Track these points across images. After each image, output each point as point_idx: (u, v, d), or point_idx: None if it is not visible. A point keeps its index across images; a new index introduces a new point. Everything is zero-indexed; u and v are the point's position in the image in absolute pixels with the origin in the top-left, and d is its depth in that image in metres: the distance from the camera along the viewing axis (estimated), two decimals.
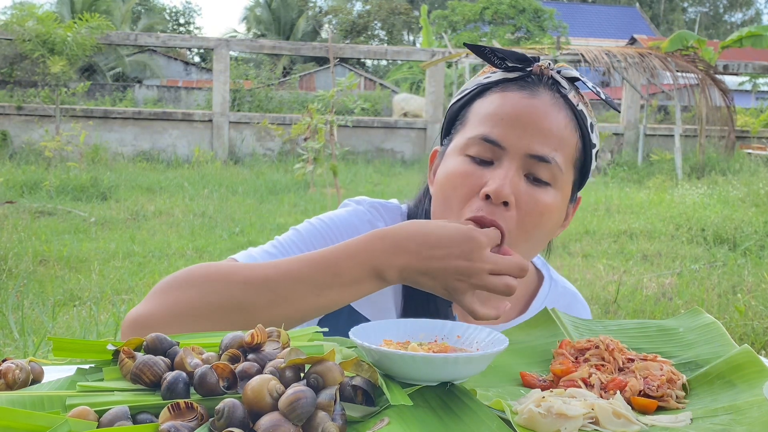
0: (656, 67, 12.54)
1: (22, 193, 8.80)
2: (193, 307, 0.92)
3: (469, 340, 0.85)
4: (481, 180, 1.00)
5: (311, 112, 9.05)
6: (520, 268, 0.91)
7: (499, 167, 1.00)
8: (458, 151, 1.04)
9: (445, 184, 1.04)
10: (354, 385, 0.70)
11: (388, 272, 0.92)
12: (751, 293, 4.82)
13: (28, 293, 4.46)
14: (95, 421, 0.63)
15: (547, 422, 0.69)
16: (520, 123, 1.00)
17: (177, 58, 31.39)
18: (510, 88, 1.03)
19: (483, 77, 1.08)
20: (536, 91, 1.02)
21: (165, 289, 0.94)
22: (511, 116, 1.00)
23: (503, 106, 1.02)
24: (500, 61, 1.05)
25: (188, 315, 0.92)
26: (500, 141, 1.00)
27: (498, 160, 1.01)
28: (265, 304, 0.92)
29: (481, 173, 1.00)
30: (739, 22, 44.31)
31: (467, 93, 1.08)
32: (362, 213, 1.14)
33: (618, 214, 8.24)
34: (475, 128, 1.03)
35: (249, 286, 0.93)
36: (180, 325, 0.91)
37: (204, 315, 0.92)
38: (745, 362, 0.82)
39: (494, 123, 1.01)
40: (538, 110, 1.01)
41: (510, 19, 21.56)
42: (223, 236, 6.62)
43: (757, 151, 13.74)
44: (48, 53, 11.75)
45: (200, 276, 0.94)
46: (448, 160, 1.06)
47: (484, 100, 1.05)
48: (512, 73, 1.05)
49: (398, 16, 36.60)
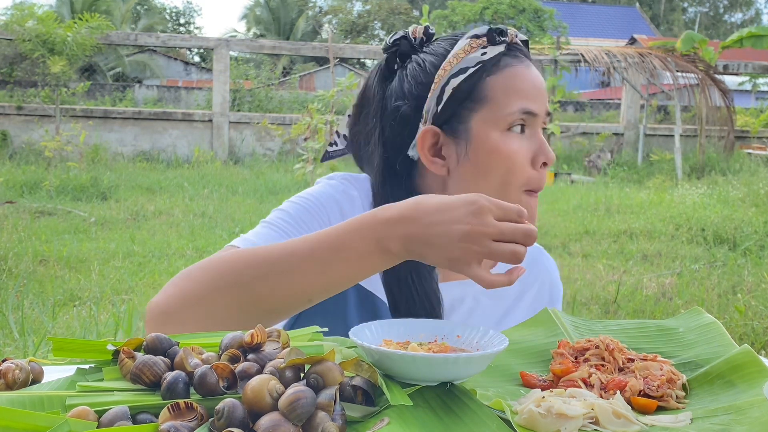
0: (656, 67, 12.54)
1: (22, 193, 8.80)
2: (204, 291, 0.95)
3: (469, 340, 0.85)
4: (528, 150, 1.12)
5: (311, 112, 9.04)
6: (527, 234, 0.87)
7: (535, 134, 1.13)
8: (497, 128, 1.11)
9: (497, 160, 1.11)
10: (354, 385, 0.70)
11: (391, 244, 0.90)
12: (751, 293, 4.82)
13: (28, 293, 4.46)
14: (95, 421, 0.63)
15: (547, 422, 0.69)
16: (539, 91, 1.13)
17: (177, 58, 31.38)
18: (511, 62, 1.13)
19: (478, 53, 1.12)
20: (525, 60, 1.15)
21: (182, 278, 0.98)
22: (533, 87, 1.13)
23: (525, 80, 1.12)
24: (500, 38, 1.14)
25: (200, 300, 0.95)
26: (534, 110, 1.12)
27: (529, 126, 1.13)
28: (272, 284, 0.94)
29: (525, 143, 1.12)
30: (739, 22, 44.30)
31: (472, 71, 1.12)
32: (336, 185, 1.19)
33: (618, 214, 8.24)
34: (508, 104, 1.11)
35: (254, 269, 0.95)
36: (193, 309, 0.95)
37: (214, 300, 0.95)
38: (745, 362, 0.82)
39: (526, 96, 1.11)
40: (539, 77, 1.15)
41: (510, 18, 21.56)
42: (223, 236, 6.62)
43: (757, 151, 13.73)
44: (48, 53, 11.74)
45: (212, 263, 0.98)
46: (485, 139, 1.11)
47: (498, 77, 1.12)
48: (500, 46, 1.13)
49: (398, 16, 36.59)
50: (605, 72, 13.38)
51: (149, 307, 0.97)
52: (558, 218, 7.98)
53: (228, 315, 0.94)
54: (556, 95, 12.99)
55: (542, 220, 7.76)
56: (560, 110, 17.00)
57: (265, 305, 0.95)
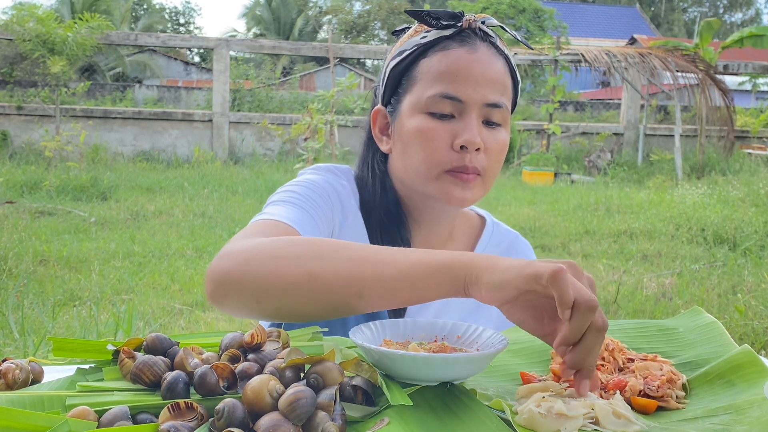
0: (656, 67, 12.54)
1: (22, 193, 8.79)
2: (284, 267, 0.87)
3: (469, 340, 0.85)
4: (449, 134, 1.10)
5: (311, 112, 9.05)
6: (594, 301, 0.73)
7: (463, 119, 1.10)
8: (418, 110, 1.12)
9: (415, 141, 1.12)
10: (354, 385, 0.70)
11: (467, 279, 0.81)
12: (751, 293, 4.82)
13: (28, 293, 4.46)
14: (95, 421, 0.63)
15: (547, 422, 0.69)
16: (472, 77, 1.10)
17: (177, 58, 31.38)
18: (451, 45, 1.12)
19: (419, 37, 1.14)
20: (475, 45, 1.12)
21: (260, 247, 0.90)
22: (463, 72, 1.10)
23: (454, 63, 1.10)
24: (436, 21, 1.13)
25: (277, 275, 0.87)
26: (459, 96, 1.10)
27: (459, 113, 1.11)
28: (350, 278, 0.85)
29: (449, 127, 1.10)
30: (739, 22, 44.29)
31: (408, 54, 1.15)
32: (332, 179, 1.21)
33: (618, 214, 8.24)
34: (430, 87, 1.11)
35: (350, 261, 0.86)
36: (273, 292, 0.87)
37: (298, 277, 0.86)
38: (745, 362, 0.82)
39: (449, 80, 1.10)
40: (482, 63, 1.11)
41: (510, 19, 21.57)
42: (223, 236, 6.61)
43: (757, 151, 13.73)
44: (48, 53, 11.74)
45: (295, 243, 0.91)
46: (408, 119, 1.14)
47: (430, 59, 1.13)
48: (447, 31, 1.13)
49: (398, 16, 36.59)
50: (605, 72, 13.38)
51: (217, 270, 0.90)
52: (558, 218, 7.98)
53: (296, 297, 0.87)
54: (557, 95, 12.98)
55: (542, 220, 7.77)
56: (560, 110, 17.01)
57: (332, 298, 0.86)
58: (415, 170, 1.14)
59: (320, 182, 1.18)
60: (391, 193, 1.21)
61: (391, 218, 1.20)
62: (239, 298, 0.89)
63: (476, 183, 1.12)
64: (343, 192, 1.20)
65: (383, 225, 1.19)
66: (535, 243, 6.43)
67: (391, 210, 1.20)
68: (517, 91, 1.19)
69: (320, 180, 1.19)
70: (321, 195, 1.16)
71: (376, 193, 1.21)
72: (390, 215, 1.20)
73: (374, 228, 1.20)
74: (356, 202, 1.21)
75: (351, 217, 1.19)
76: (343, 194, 1.19)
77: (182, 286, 4.84)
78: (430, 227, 1.22)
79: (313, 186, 1.17)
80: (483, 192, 1.15)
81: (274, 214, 1.07)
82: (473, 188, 1.12)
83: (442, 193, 1.12)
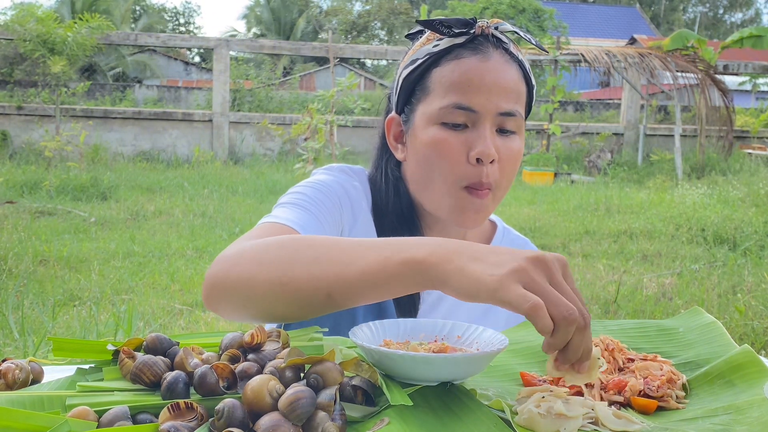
0: (656, 67, 12.54)
1: (22, 193, 8.79)
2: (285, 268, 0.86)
3: (469, 340, 0.85)
4: (464, 145, 1.09)
5: (311, 112, 9.05)
6: (582, 312, 0.71)
7: (476, 129, 1.09)
8: (431, 120, 1.11)
9: (430, 153, 1.11)
10: (354, 385, 0.70)
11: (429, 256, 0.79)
12: (751, 293, 4.82)
13: (28, 293, 4.46)
14: (95, 421, 0.63)
15: (547, 422, 0.69)
16: (485, 86, 1.08)
17: (177, 58, 31.37)
18: (464, 54, 1.10)
19: (431, 45, 1.13)
20: (487, 52, 1.10)
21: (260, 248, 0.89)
22: (475, 81, 1.08)
23: (466, 73, 1.09)
24: (448, 29, 1.11)
25: (279, 276, 0.86)
26: (473, 106, 1.08)
27: (472, 123, 1.10)
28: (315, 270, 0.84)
29: (462, 138, 1.09)
30: (739, 22, 44.29)
31: (420, 63, 1.14)
32: (343, 180, 1.20)
33: (618, 214, 8.24)
34: (443, 97, 1.10)
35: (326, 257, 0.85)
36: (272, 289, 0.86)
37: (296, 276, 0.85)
38: (745, 362, 0.82)
39: (462, 90, 1.09)
40: (495, 71, 1.09)
41: (510, 18, 21.55)
42: (223, 236, 6.61)
43: (757, 151, 13.73)
44: (48, 53, 11.74)
45: (288, 241, 0.90)
46: (422, 130, 1.13)
47: (443, 68, 1.11)
48: (459, 38, 1.11)
49: (398, 16, 36.59)
50: (605, 72, 13.38)
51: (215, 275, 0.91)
52: (558, 218, 7.98)
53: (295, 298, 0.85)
54: (557, 95, 12.98)
55: (542, 220, 7.76)
56: (560, 110, 17.00)
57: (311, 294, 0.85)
58: (431, 186, 1.13)
59: (331, 183, 1.18)
60: (405, 198, 1.21)
61: (404, 223, 1.20)
62: (229, 301, 0.90)
63: (488, 199, 1.12)
64: (354, 193, 1.19)
65: (395, 229, 1.19)
66: (535, 243, 6.41)
67: (404, 214, 1.20)
68: (532, 96, 1.18)
69: (331, 181, 1.19)
70: (330, 197, 1.15)
71: (389, 197, 1.21)
72: (403, 220, 1.20)
73: (386, 232, 1.19)
74: (368, 204, 1.21)
75: (361, 218, 1.19)
76: (354, 196, 1.19)
77: (182, 286, 4.84)
78: (443, 232, 1.22)
79: (322, 187, 1.16)
80: (493, 208, 1.14)
81: (279, 216, 1.08)
82: (486, 208, 1.12)
83: (456, 213, 1.12)
